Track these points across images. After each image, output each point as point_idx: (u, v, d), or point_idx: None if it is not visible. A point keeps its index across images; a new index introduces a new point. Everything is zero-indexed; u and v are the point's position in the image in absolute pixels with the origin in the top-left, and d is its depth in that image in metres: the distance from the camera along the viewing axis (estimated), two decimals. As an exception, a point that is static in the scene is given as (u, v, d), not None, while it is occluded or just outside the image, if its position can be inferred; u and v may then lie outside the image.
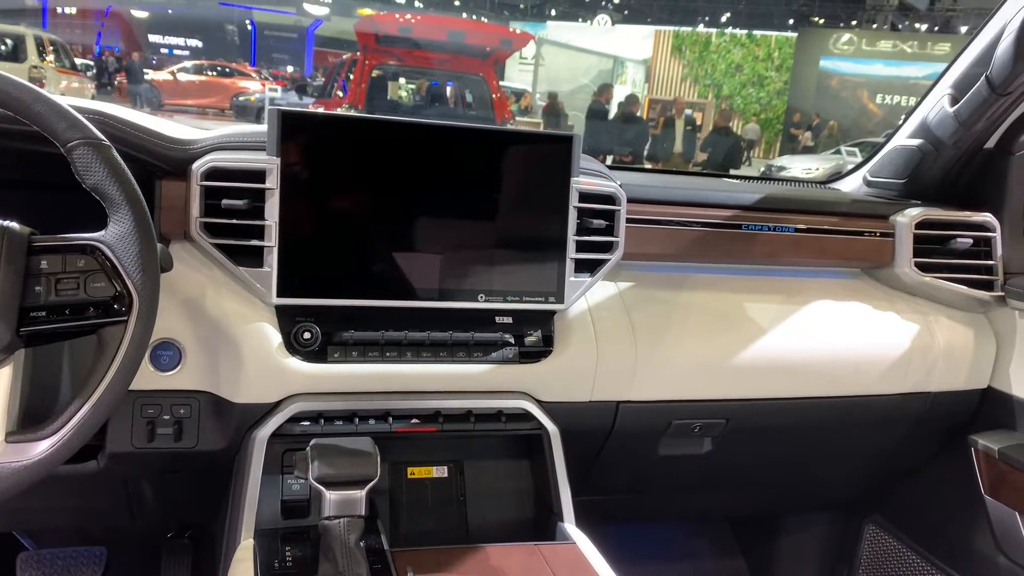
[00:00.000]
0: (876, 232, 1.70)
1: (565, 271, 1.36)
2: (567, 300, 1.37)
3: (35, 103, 0.96)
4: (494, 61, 10.91)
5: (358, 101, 9.52)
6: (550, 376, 1.39)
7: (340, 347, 1.28)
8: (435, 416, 1.34)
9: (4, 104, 0.95)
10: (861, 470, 1.90)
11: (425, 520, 1.40)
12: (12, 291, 0.93)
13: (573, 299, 1.39)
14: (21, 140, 1.09)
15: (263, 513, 1.24)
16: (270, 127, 1.22)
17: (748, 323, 1.56)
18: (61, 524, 1.77)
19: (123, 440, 1.24)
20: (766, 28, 23.87)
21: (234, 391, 1.26)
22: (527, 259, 1.35)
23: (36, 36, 13.04)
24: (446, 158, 1.30)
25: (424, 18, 15.05)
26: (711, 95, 22.57)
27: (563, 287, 1.36)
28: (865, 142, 14.29)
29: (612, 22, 26.44)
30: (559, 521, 1.34)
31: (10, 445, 0.92)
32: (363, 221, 1.28)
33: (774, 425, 1.62)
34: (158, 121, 1.32)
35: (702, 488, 1.85)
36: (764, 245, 1.62)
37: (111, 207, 0.98)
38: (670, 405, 1.51)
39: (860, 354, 1.63)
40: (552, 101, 15.13)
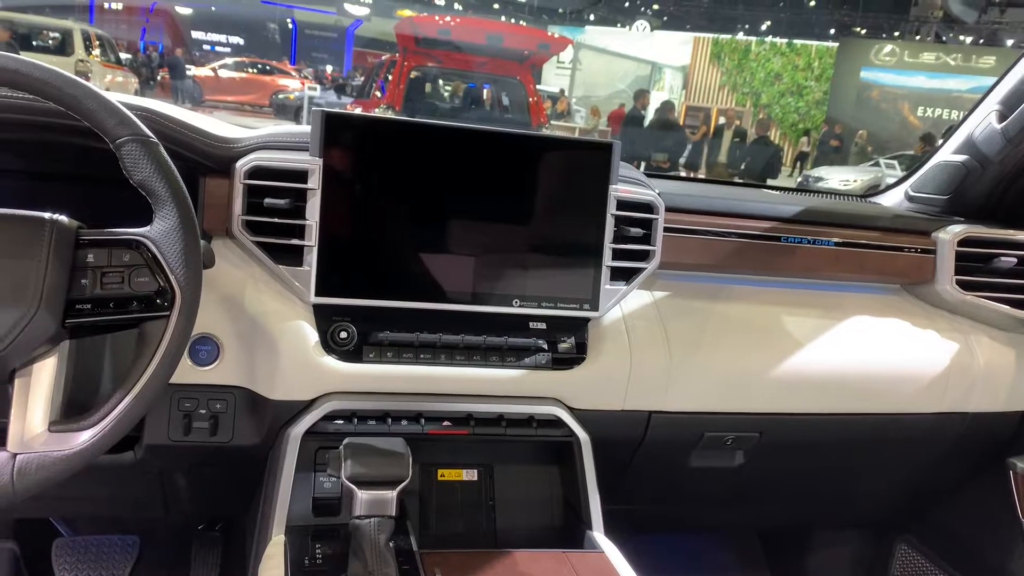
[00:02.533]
0: (917, 248, 1.68)
1: (601, 279, 1.36)
2: (602, 308, 1.37)
3: (86, 99, 0.97)
4: (531, 65, 10.92)
5: (396, 102, 9.58)
6: (582, 383, 1.39)
7: (375, 347, 1.29)
8: (467, 419, 1.34)
9: (57, 100, 0.97)
10: (894, 488, 1.87)
11: (454, 523, 1.40)
12: (59, 283, 0.94)
13: (608, 307, 1.38)
14: (71, 135, 1.11)
15: (294, 510, 1.25)
16: (314, 128, 1.23)
17: (785, 336, 1.55)
18: (96, 512, 1.80)
19: (160, 433, 1.26)
20: (807, 37, 23.64)
21: (270, 387, 1.27)
22: (563, 265, 1.35)
23: (83, 31, 13.30)
24: (486, 163, 1.31)
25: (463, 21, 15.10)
26: (749, 103, 22.39)
27: (598, 295, 1.36)
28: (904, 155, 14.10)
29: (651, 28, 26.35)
30: (588, 529, 1.34)
31: (53, 434, 0.94)
32: (402, 223, 1.28)
33: (808, 440, 1.60)
34: (203, 119, 1.34)
35: (732, 501, 1.83)
36: (803, 258, 1.61)
37: (157, 203, 0.99)
38: (703, 417, 1.50)
39: (897, 371, 1.60)
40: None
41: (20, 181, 1.32)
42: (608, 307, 1.38)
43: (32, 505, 1.07)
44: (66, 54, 12.08)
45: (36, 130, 1.18)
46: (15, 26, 12.63)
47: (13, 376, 0.95)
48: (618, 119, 13.81)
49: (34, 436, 0.93)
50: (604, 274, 1.36)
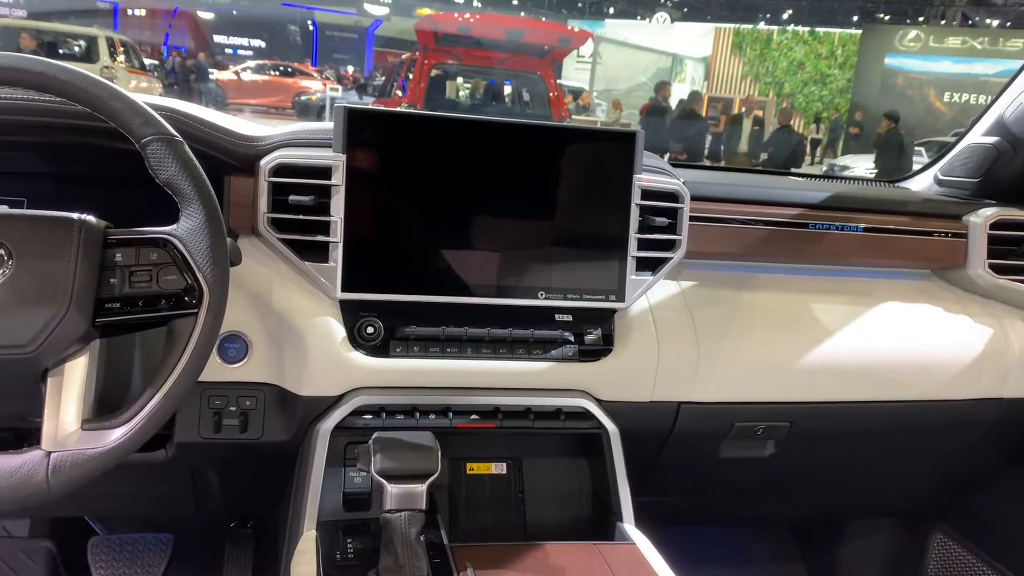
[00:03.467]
0: (948, 232, 1.65)
1: (626, 269, 1.35)
2: (628, 299, 1.36)
3: (111, 100, 0.98)
4: (552, 59, 10.89)
5: (417, 100, 9.60)
6: (610, 375, 1.38)
7: (402, 342, 1.29)
8: (494, 412, 1.34)
9: (82, 101, 0.98)
10: (929, 477, 1.85)
11: (483, 516, 1.40)
12: (89, 283, 0.95)
13: (634, 298, 1.37)
14: (97, 136, 1.12)
15: (325, 505, 1.26)
16: (336, 124, 1.24)
17: (814, 324, 1.53)
18: (130, 511, 1.82)
19: (191, 430, 1.27)
20: (829, 25, 23.38)
21: (299, 384, 1.27)
22: (588, 257, 1.34)
23: (108, 37, 13.46)
24: (509, 155, 1.30)
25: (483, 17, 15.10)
26: (772, 93, 22.20)
27: (624, 285, 1.35)
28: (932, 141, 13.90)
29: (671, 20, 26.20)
30: (618, 521, 1.33)
31: (86, 432, 0.95)
32: (426, 217, 1.28)
33: (839, 429, 1.59)
34: (227, 118, 1.35)
35: (763, 491, 1.81)
36: (831, 245, 1.59)
37: (183, 201, 1.00)
38: (733, 407, 1.48)
39: (930, 357, 1.58)
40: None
41: (47, 183, 1.34)
42: (634, 298, 1.37)
43: (67, 504, 1.08)
44: (92, 60, 12.24)
45: (62, 132, 1.19)
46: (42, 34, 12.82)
47: (46, 375, 0.96)
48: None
49: (67, 434, 0.94)
50: (630, 264, 1.35)
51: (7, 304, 0.92)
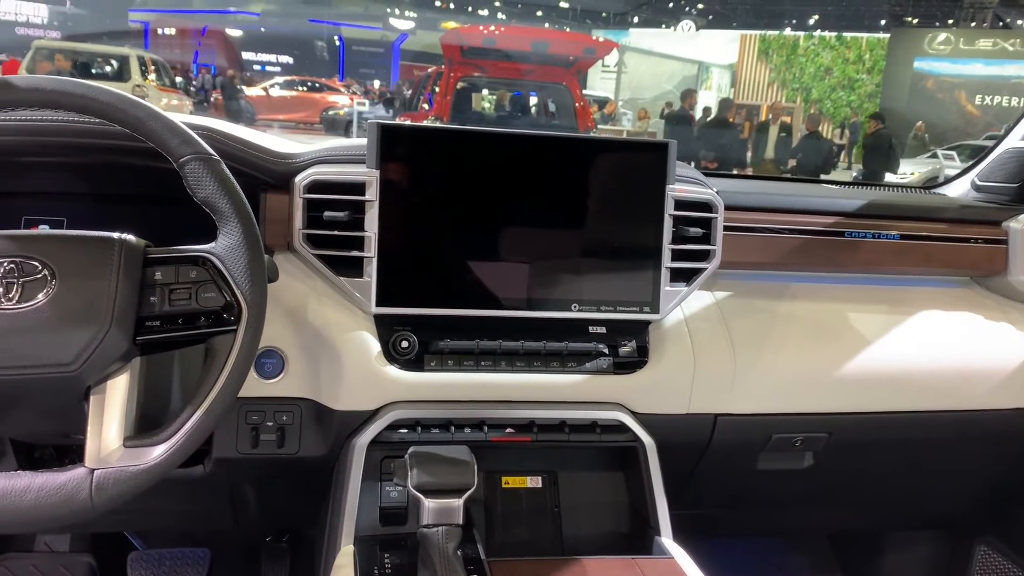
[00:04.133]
0: (987, 239, 1.63)
1: (660, 280, 1.34)
2: (662, 310, 1.35)
3: (150, 120, 1.00)
4: (577, 70, 10.92)
5: (443, 113, 9.66)
6: (645, 387, 1.37)
7: (436, 356, 1.30)
8: (529, 426, 1.34)
9: (121, 122, 0.99)
10: (972, 488, 1.81)
11: (519, 530, 1.40)
12: (130, 301, 0.97)
13: (668, 309, 1.36)
14: (135, 156, 1.14)
15: (362, 520, 1.26)
16: (370, 140, 1.24)
17: (851, 333, 1.51)
18: (168, 526, 1.84)
19: (228, 446, 1.28)
20: (856, 30, 23.20)
21: (334, 398, 1.28)
22: (621, 268, 1.33)
23: (139, 56, 13.72)
24: (542, 168, 1.30)
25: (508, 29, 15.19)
26: (799, 99, 22.05)
27: (658, 297, 1.34)
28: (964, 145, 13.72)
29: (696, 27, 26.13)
30: (656, 535, 1.32)
31: (128, 449, 0.95)
32: (459, 231, 1.29)
33: (879, 440, 1.56)
34: (262, 136, 1.36)
35: (802, 504, 1.79)
36: (868, 253, 1.57)
37: (221, 220, 1.01)
38: (770, 418, 1.46)
39: (971, 366, 1.55)
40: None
41: (86, 203, 1.36)
42: (669, 309, 1.36)
43: (108, 519, 1.09)
44: (124, 80, 12.46)
45: (101, 152, 1.21)
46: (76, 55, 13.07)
47: (89, 393, 0.97)
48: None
49: (110, 452, 0.95)
50: (664, 275, 1.34)
51: (51, 323, 0.93)
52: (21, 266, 0.94)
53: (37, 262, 0.95)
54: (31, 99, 0.97)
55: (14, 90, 0.96)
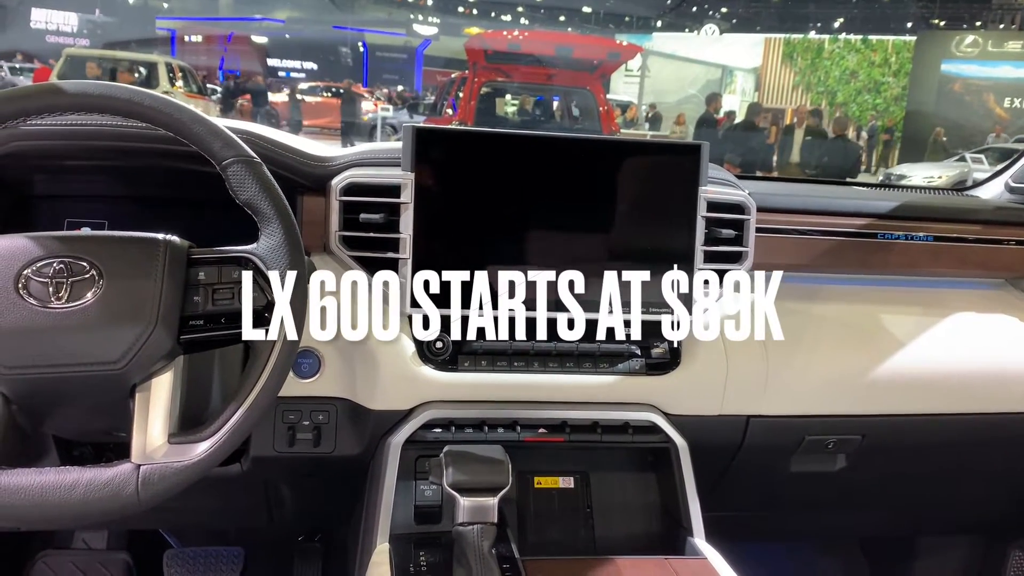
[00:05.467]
0: (1022, 240, 1.61)
1: (693, 282, 1.34)
2: (695, 311, 1.35)
3: (193, 124, 1.02)
4: (601, 74, 10.90)
5: (468, 118, 9.69)
6: (678, 389, 1.37)
7: (470, 356, 1.31)
8: (562, 426, 1.34)
9: (166, 126, 1.02)
10: (1007, 492, 1.79)
11: (551, 530, 1.40)
12: (174, 301, 0.99)
13: (701, 310, 1.36)
14: (177, 159, 1.16)
15: (397, 518, 1.27)
16: (405, 143, 1.26)
17: (885, 336, 1.50)
18: (203, 524, 1.86)
19: (266, 444, 1.30)
20: (882, 32, 22.98)
21: (370, 398, 1.29)
22: (654, 270, 1.34)
23: (167, 63, 13.87)
24: (574, 170, 1.31)
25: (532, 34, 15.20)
26: (824, 102, 21.87)
27: (691, 298, 1.34)
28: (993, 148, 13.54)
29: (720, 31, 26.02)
30: (688, 536, 1.32)
31: (173, 446, 0.97)
32: (492, 232, 1.30)
33: (913, 443, 1.55)
34: (298, 139, 1.38)
35: (834, 506, 1.78)
36: (901, 255, 1.56)
37: (262, 221, 1.03)
38: (803, 420, 1.46)
39: (1006, 369, 1.54)
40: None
41: (127, 205, 1.39)
42: (701, 310, 1.37)
43: (145, 516, 1.11)
44: (152, 86, 12.60)
45: (143, 156, 1.23)
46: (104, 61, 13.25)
47: (134, 391, 0.99)
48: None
49: (155, 448, 0.97)
50: (696, 277, 1.34)
51: (99, 322, 0.95)
52: (70, 267, 0.96)
53: (85, 262, 0.97)
54: (79, 104, 1.00)
55: (63, 95, 0.99)
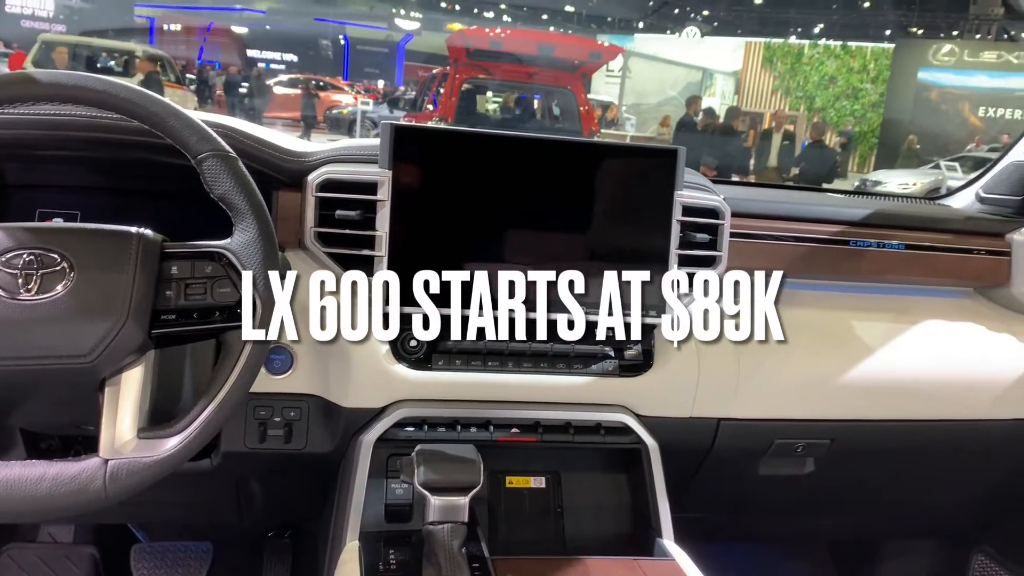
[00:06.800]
0: (991, 250, 1.64)
1: (667, 285, 1.35)
2: (668, 314, 1.36)
3: (169, 117, 1.01)
4: (582, 74, 10.93)
5: (448, 114, 9.68)
6: (650, 390, 1.38)
7: (444, 355, 1.31)
8: (535, 426, 1.35)
9: (141, 118, 1.01)
10: (971, 497, 1.82)
11: (522, 530, 1.41)
12: (146, 295, 0.98)
13: (674, 313, 1.37)
14: (151, 151, 1.15)
15: (367, 516, 1.27)
16: (383, 140, 1.26)
17: (855, 341, 1.52)
18: (172, 518, 1.85)
19: (237, 440, 1.29)
20: (861, 39, 23.18)
21: (342, 395, 1.29)
22: (629, 272, 1.34)
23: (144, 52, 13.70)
24: (552, 171, 1.32)
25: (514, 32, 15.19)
26: (803, 107, 22.06)
27: (664, 301, 1.35)
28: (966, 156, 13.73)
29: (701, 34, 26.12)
30: (657, 537, 1.33)
31: (142, 441, 0.97)
32: (469, 232, 1.30)
33: (880, 447, 1.57)
34: (275, 134, 1.37)
35: (802, 510, 1.80)
36: (872, 262, 1.58)
37: (237, 216, 1.02)
38: (773, 424, 1.48)
39: (973, 376, 1.57)
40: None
41: (100, 197, 1.37)
42: (675, 314, 1.37)
43: (113, 511, 1.11)
44: (129, 75, 12.45)
45: (117, 147, 1.22)
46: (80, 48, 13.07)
47: (103, 385, 0.99)
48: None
49: (124, 443, 0.96)
50: (670, 280, 1.35)
51: (69, 315, 0.94)
52: (41, 258, 0.95)
53: (56, 254, 0.96)
54: (52, 94, 0.98)
55: (36, 85, 0.97)
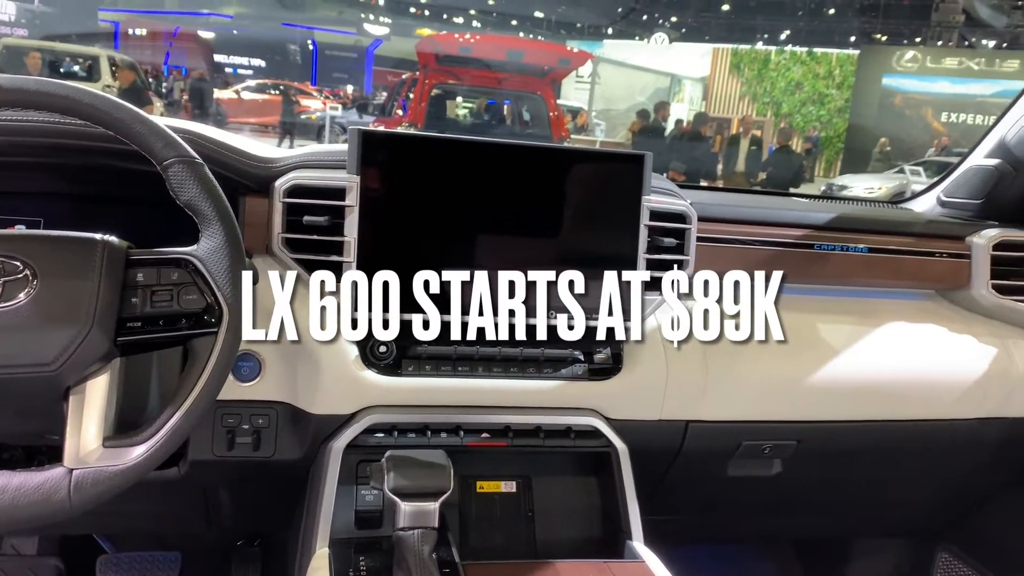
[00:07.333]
0: (952, 253, 1.67)
1: (635, 289, 1.36)
2: (637, 318, 1.37)
3: (133, 123, 1.00)
4: (552, 80, 10.99)
5: (418, 119, 9.68)
6: (619, 394, 1.39)
7: (414, 361, 1.31)
8: (505, 431, 1.35)
9: (105, 124, 1.00)
10: (935, 496, 1.85)
11: (493, 534, 1.41)
12: (111, 302, 0.97)
13: (643, 317, 1.38)
14: (116, 158, 1.14)
15: (337, 523, 1.26)
16: (351, 146, 1.26)
17: (820, 344, 1.54)
18: (139, 528, 1.82)
19: (204, 448, 1.28)
20: (827, 45, 23.50)
21: (311, 402, 1.28)
22: (597, 276, 1.35)
23: (109, 56, 13.52)
24: (521, 177, 1.32)
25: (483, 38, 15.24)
26: (770, 113, 22.31)
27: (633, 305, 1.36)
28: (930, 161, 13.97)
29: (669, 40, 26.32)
30: (627, 539, 1.34)
31: (108, 449, 0.96)
32: (438, 238, 1.30)
33: (846, 448, 1.60)
34: (242, 140, 1.36)
35: (770, 510, 1.82)
36: (837, 265, 1.61)
37: (203, 222, 1.01)
38: (740, 425, 1.49)
39: (935, 377, 1.59)
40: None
41: (63, 203, 1.36)
42: (643, 317, 1.38)
43: (79, 521, 1.09)
44: (94, 80, 12.27)
45: (81, 153, 1.21)
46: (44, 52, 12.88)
47: (68, 393, 0.97)
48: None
49: (89, 452, 0.95)
50: (638, 284, 1.36)
51: (32, 323, 0.93)
52: (3, 266, 0.94)
53: (19, 262, 0.95)
54: (14, 100, 0.97)
55: None
